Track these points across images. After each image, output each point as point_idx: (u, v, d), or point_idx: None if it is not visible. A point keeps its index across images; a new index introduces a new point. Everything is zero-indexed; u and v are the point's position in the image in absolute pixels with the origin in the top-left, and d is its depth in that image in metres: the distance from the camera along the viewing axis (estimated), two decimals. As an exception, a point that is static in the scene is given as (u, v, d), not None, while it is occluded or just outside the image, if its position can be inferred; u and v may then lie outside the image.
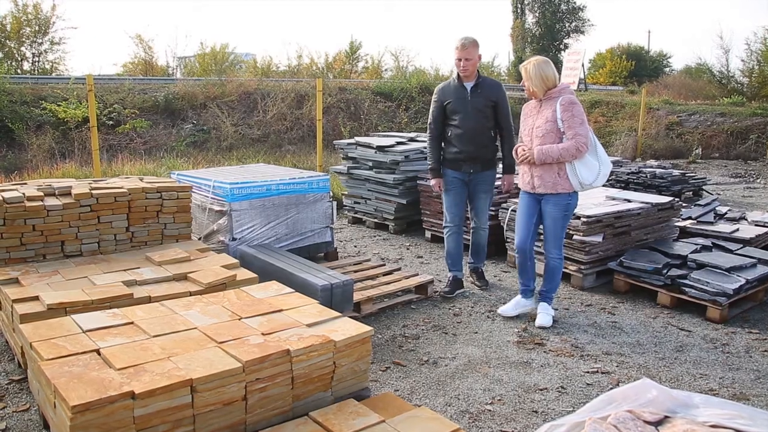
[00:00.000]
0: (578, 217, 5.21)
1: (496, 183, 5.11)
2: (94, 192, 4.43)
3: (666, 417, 1.94)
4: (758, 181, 12.05)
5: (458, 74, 4.76)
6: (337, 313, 3.26)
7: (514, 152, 4.47)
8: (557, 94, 4.19)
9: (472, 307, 4.80)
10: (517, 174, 4.66)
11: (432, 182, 5.11)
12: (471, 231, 5.15)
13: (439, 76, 19.26)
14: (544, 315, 4.48)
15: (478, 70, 4.78)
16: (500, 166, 5.09)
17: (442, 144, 4.94)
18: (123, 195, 4.53)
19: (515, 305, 4.64)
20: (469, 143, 4.76)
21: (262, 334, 2.94)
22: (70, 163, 9.30)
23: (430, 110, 4.99)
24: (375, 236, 7.09)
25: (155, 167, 9.09)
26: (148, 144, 11.97)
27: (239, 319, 3.13)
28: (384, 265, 5.43)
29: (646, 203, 5.69)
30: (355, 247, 6.61)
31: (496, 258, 6.11)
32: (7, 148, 10.59)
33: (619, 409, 1.97)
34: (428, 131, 5.01)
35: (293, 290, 3.63)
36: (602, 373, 3.78)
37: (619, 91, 22.62)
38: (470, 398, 3.43)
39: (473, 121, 4.74)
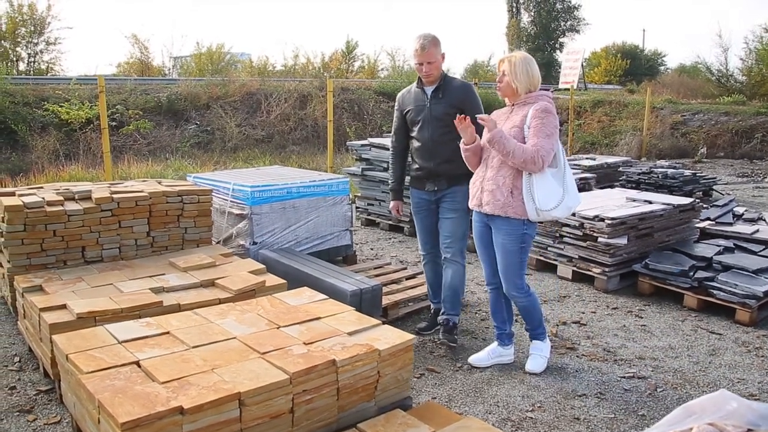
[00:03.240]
0: (602, 219, 5.16)
1: None
2: (115, 196, 4.34)
3: (749, 430, 1.87)
4: (766, 180, 12.04)
5: (419, 78, 4.02)
6: (376, 321, 3.19)
7: (457, 121, 3.51)
8: (533, 100, 3.50)
9: (499, 311, 4.72)
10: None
11: (390, 205, 4.39)
12: (442, 266, 4.17)
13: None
14: (536, 358, 3.77)
15: (444, 72, 4.02)
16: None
17: (409, 160, 4.26)
18: (144, 199, 4.44)
19: (489, 354, 3.86)
20: (429, 158, 4.00)
21: (304, 343, 2.86)
22: (76, 165, 9.17)
23: (393, 121, 4.30)
24: (390, 238, 7.01)
25: (162, 169, 8.99)
26: (152, 145, 11.85)
27: (278, 328, 3.05)
28: (406, 268, 5.36)
29: (668, 204, 5.64)
30: (372, 249, 6.53)
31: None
32: (11, 150, 10.44)
33: (700, 422, 1.90)
34: (390, 145, 4.33)
35: (326, 297, 3.55)
36: (638, 378, 3.73)
37: (618, 90, 22.63)
38: (510, 405, 3.37)
39: (432, 131, 3.96)
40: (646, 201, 5.81)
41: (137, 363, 2.66)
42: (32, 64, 20.05)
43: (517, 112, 3.54)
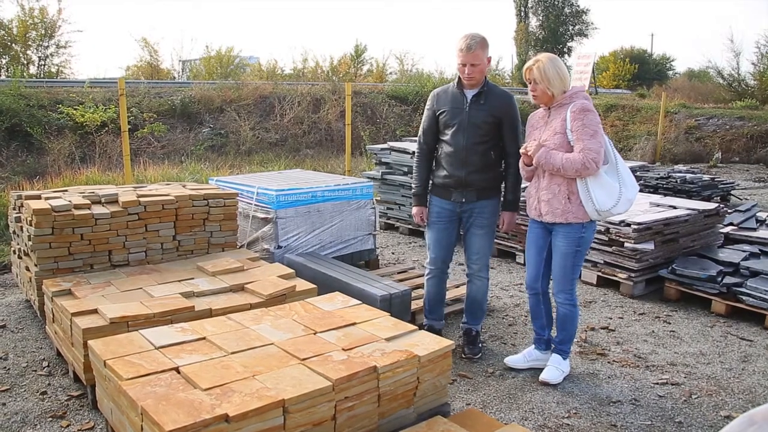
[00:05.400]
0: (628, 225, 5.12)
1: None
2: (142, 200, 4.32)
3: (815, 442, 1.83)
4: (783, 184, 11.97)
5: (459, 79, 3.80)
6: (413, 326, 3.16)
7: (522, 151, 3.59)
8: (568, 101, 3.44)
9: (526, 317, 4.69)
10: (523, 198, 3.97)
11: (413, 211, 4.06)
12: (466, 280, 4.10)
13: (444, 79, 19.16)
14: (553, 369, 3.68)
15: (485, 77, 3.82)
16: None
17: (434, 165, 4.02)
18: (170, 203, 4.42)
19: (525, 357, 3.86)
20: (460, 166, 3.78)
21: (343, 349, 2.83)
22: (92, 168, 9.17)
23: (422, 120, 4.05)
24: (410, 243, 6.97)
25: (178, 171, 8.98)
26: (166, 148, 11.85)
27: (314, 334, 3.02)
28: (430, 273, 5.31)
29: (693, 209, 5.59)
30: (393, 254, 6.50)
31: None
32: (27, 153, 10.46)
33: (764, 431, 1.86)
34: (417, 146, 4.05)
35: (360, 302, 3.52)
36: (672, 384, 3.68)
37: (629, 95, 22.55)
38: (545, 412, 3.33)
39: (467, 138, 3.75)
40: (670, 206, 5.76)
41: (176, 369, 2.64)
42: (42, 67, 20.14)
43: (555, 116, 3.49)
